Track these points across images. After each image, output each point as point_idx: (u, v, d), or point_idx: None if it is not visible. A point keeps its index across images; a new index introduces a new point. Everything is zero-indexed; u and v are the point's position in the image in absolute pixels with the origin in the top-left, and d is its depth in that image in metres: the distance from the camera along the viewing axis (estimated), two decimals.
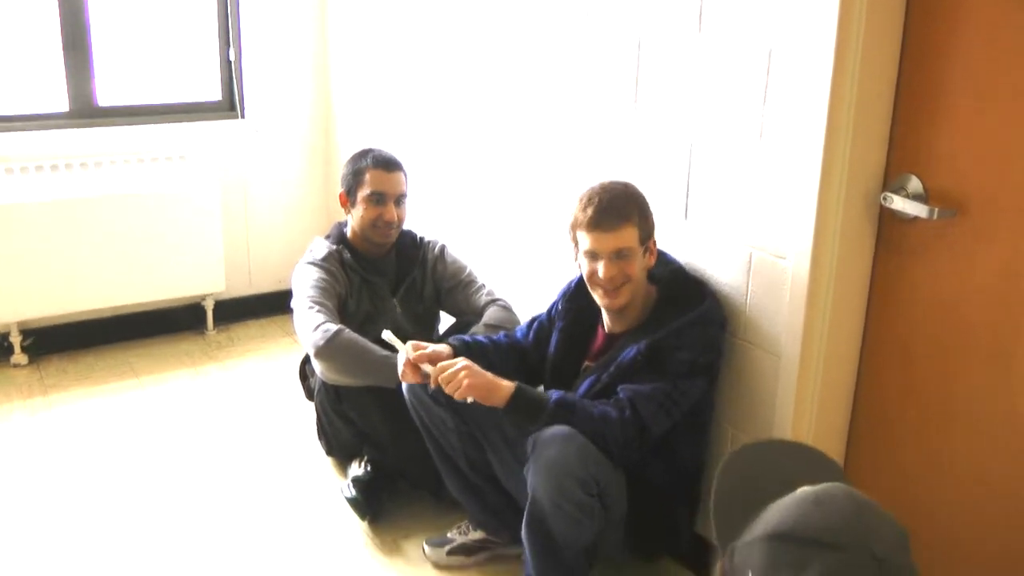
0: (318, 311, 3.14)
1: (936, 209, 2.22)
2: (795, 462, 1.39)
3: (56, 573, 2.87)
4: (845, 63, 2.24)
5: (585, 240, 2.56)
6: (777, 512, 1.19)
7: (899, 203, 2.30)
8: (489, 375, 2.52)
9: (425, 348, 2.64)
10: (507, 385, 2.51)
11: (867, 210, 2.39)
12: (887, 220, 2.39)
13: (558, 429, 2.45)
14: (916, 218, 2.29)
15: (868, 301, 2.48)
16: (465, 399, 2.49)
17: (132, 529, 3.09)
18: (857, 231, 2.40)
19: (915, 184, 2.30)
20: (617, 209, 2.53)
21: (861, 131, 2.31)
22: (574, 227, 2.60)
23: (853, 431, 2.58)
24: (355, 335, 3.08)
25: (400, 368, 2.66)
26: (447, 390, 2.51)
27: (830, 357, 2.48)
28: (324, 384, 3.23)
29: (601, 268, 2.54)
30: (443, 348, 2.69)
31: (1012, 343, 2.16)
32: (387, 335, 2.71)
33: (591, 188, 2.60)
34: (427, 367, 2.59)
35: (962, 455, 2.31)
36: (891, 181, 2.36)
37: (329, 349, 3.04)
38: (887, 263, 2.42)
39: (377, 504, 3.15)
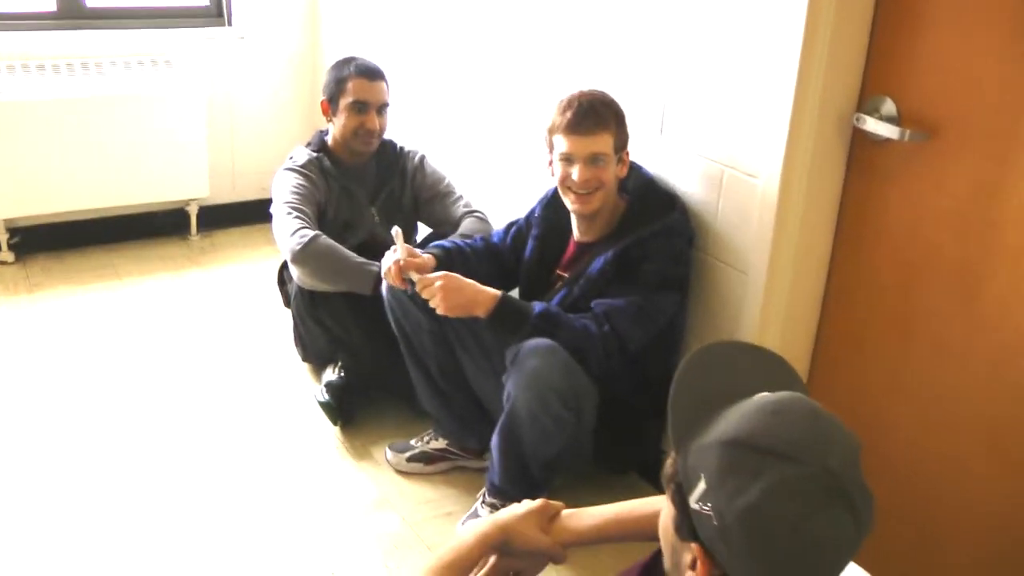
0: (296, 217, 3.16)
1: (908, 131, 2.23)
2: (757, 366, 1.38)
3: (26, 463, 2.92)
4: None
5: (562, 143, 2.58)
6: (735, 418, 1.19)
7: (871, 124, 2.30)
8: (470, 287, 2.54)
9: (417, 256, 2.66)
10: (491, 294, 2.53)
11: (840, 131, 2.39)
12: (860, 142, 2.40)
13: (541, 341, 2.48)
14: (888, 140, 2.30)
15: (838, 221, 2.49)
16: (409, 291, 2.53)
17: (105, 426, 3.14)
18: (829, 152, 2.41)
19: (889, 106, 2.30)
20: (595, 115, 2.55)
21: (837, 52, 2.31)
22: (551, 131, 2.62)
23: (819, 348, 2.61)
24: (331, 241, 3.10)
25: (385, 268, 2.68)
26: (430, 303, 2.54)
27: (797, 275, 2.51)
28: (300, 289, 3.25)
29: (576, 172, 2.56)
30: (427, 258, 2.71)
31: (976, 265, 2.18)
32: (395, 230, 2.71)
33: (570, 94, 2.61)
34: (412, 274, 2.61)
35: (922, 373, 2.34)
36: (865, 103, 2.36)
37: (305, 254, 3.06)
38: (858, 184, 2.43)
39: (349, 409, 3.20)
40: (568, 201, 2.65)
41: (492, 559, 1.58)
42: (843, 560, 1.13)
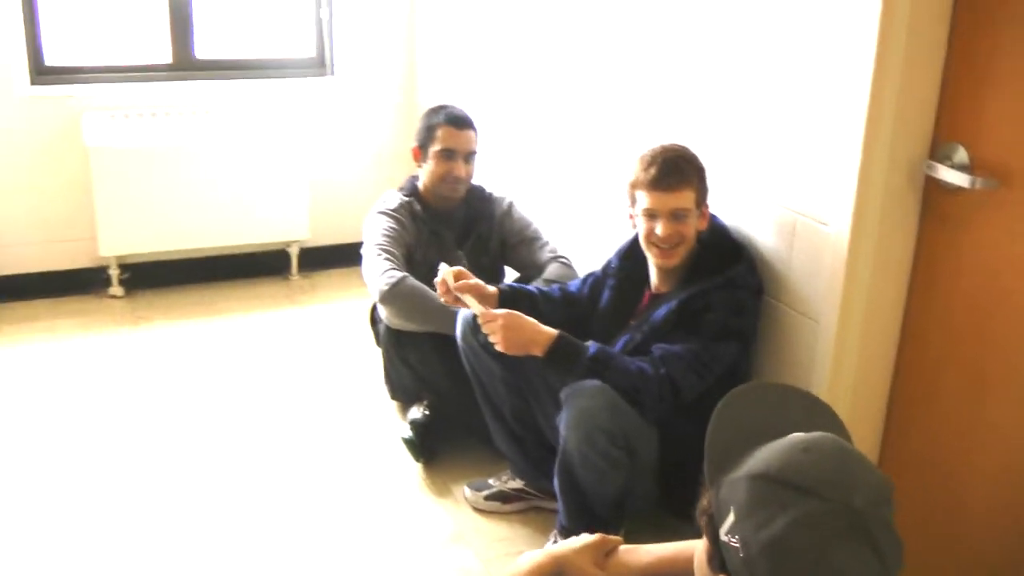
0: (385, 258, 3.27)
1: (978, 179, 2.22)
2: (798, 407, 1.42)
3: (129, 484, 3.08)
4: (891, 30, 2.26)
5: (644, 199, 2.63)
6: (766, 454, 1.23)
7: (942, 172, 2.31)
8: (531, 326, 2.60)
9: (469, 279, 2.74)
10: (549, 333, 2.59)
11: (911, 178, 2.40)
12: (932, 189, 2.40)
13: (589, 381, 2.53)
14: (960, 188, 2.29)
15: (912, 269, 2.49)
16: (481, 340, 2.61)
17: (202, 452, 3.30)
18: (900, 199, 2.41)
19: (961, 154, 2.30)
20: (678, 170, 2.60)
21: (906, 100, 2.32)
22: (634, 186, 2.67)
23: (894, 397, 2.59)
24: (418, 283, 3.20)
25: (438, 284, 2.76)
26: (490, 338, 2.62)
27: (869, 323, 2.50)
28: (388, 329, 3.36)
29: (659, 227, 2.61)
30: (492, 290, 2.79)
31: None
32: (442, 267, 2.81)
33: (652, 149, 2.66)
34: (475, 304, 2.69)
35: (998, 422, 2.31)
36: (938, 150, 2.36)
37: (392, 294, 3.17)
38: (931, 232, 2.43)
39: (432, 447, 3.28)
40: (651, 255, 2.70)
41: None
42: None
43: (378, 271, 3.24)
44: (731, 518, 1.21)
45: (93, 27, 4.61)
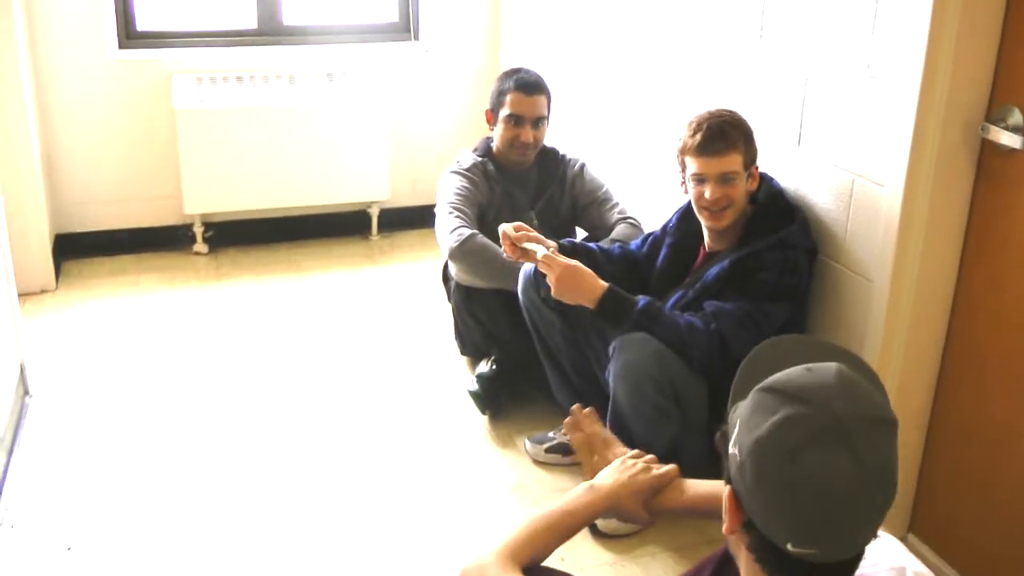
0: (456, 216, 3.37)
1: None
2: (829, 354, 1.46)
3: (211, 434, 3.26)
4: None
5: (693, 164, 2.70)
6: (776, 374, 1.30)
7: (995, 133, 2.33)
8: (588, 277, 2.69)
9: (529, 232, 2.84)
10: (600, 285, 2.68)
11: (966, 140, 2.41)
12: (988, 152, 2.41)
13: (636, 334, 2.61)
14: (1013, 150, 2.31)
15: (966, 231, 2.51)
16: (543, 294, 2.73)
17: (281, 402, 3.46)
18: (954, 161, 2.43)
19: (1016, 116, 2.31)
20: (724, 135, 2.66)
21: (962, 61, 2.34)
22: (682, 152, 2.74)
23: (946, 356, 2.61)
24: (487, 240, 3.29)
25: (501, 239, 2.86)
26: (547, 279, 2.71)
27: (922, 283, 2.53)
28: (458, 285, 3.47)
29: (708, 191, 2.67)
30: (551, 242, 2.88)
31: None
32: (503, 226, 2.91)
33: (699, 115, 2.73)
34: (533, 245, 2.79)
35: None
36: (993, 112, 2.37)
37: (462, 251, 3.28)
38: (986, 194, 2.44)
39: (497, 400, 3.38)
40: (702, 218, 2.77)
41: None
42: (843, 506, 1.18)
43: (448, 228, 3.35)
44: (735, 431, 1.28)
45: None
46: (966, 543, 2.57)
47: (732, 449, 1.27)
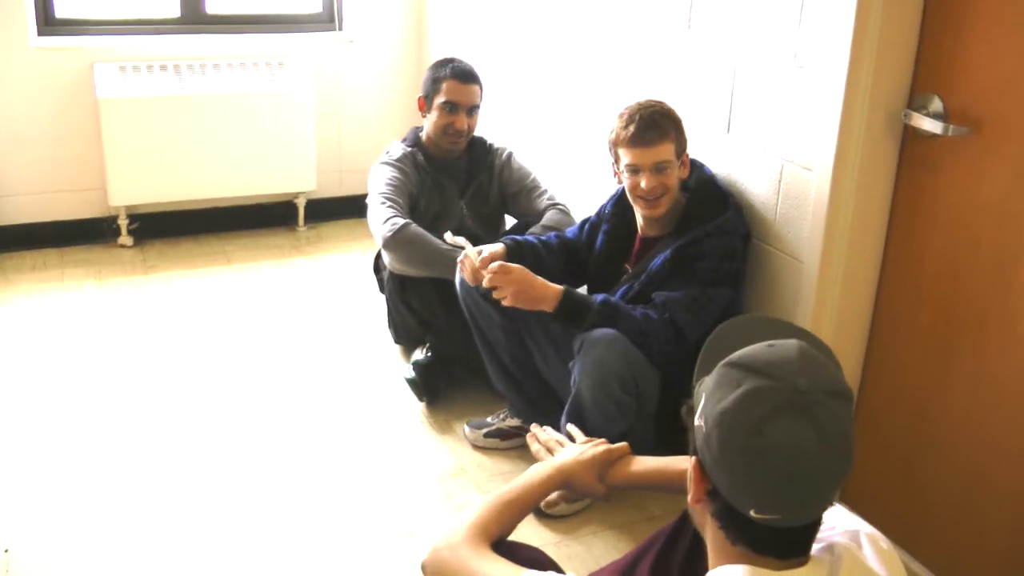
0: (389, 206, 3.39)
1: (951, 126, 2.34)
2: (789, 332, 1.53)
3: (136, 430, 3.23)
4: None
5: (627, 155, 2.77)
6: (740, 350, 1.36)
7: (917, 120, 2.43)
8: (539, 284, 2.75)
9: (483, 252, 2.87)
10: (555, 290, 2.74)
11: (890, 126, 2.52)
12: (911, 137, 2.52)
13: (604, 331, 2.68)
14: (935, 135, 2.41)
15: (891, 212, 2.61)
16: (480, 289, 2.77)
17: (211, 394, 3.44)
18: (879, 146, 2.53)
19: (936, 104, 2.41)
20: (656, 125, 2.74)
21: (885, 53, 2.44)
22: (615, 143, 2.81)
23: (873, 334, 2.72)
24: (420, 229, 3.33)
25: (458, 265, 2.91)
26: (495, 295, 2.76)
27: (850, 264, 2.63)
28: (391, 275, 3.50)
29: (643, 181, 2.74)
30: (498, 248, 2.92)
31: (1014, 255, 2.28)
32: (448, 236, 2.96)
33: (629, 107, 2.80)
34: (469, 248, 2.86)
35: (965, 360, 2.44)
36: (915, 99, 2.48)
37: (395, 240, 3.30)
38: (909, 178, 2.55)
39: (434, 387, 3.42)
40: (638, 208, 2.84)
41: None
42: (806, 474, 1.25)
43: (382, 218, 3.37)
44: (702, 402, 1.33)
45: None
46: (896, 512, 2.68)
47: (698, 421, 1.33)
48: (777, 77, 2.72)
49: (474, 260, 2.86)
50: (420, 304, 3.48)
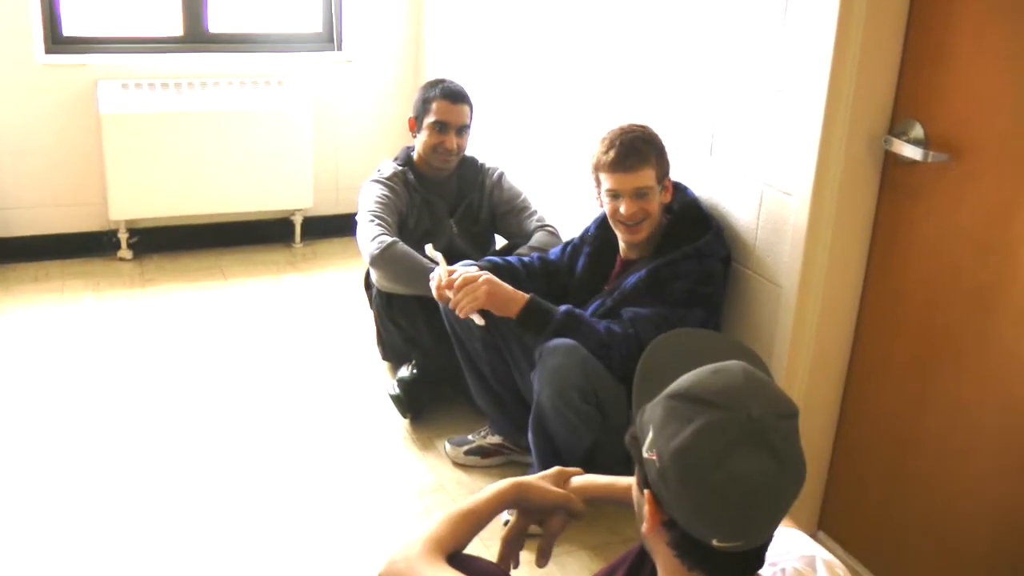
0: (377, 224, 3.42)
1: (930, 153, 2.35)
2: (722, 348, 1.53)
3: (132, 441, 3.25)
4: (851, 9, 2.39)
5: (607, 180, 2.77)
6: (682, 378, 1.36)
7: (897, 146, 2.44)
8: (508, 289, 2.75)
9: (454, 273, 2.84)
10: (523, 296, 2.74)
11: (870, 152, 2.53)
12: (892, 163, 2.53)
13: (563, 340, 2.67)
14: (915, 162, 2.42)
15: (872, 239, 2.61)
16: (471, 318, 2.75)
17: (204, 407, 3.46)
18: (860, 171, 2.54)
19: (917, 130, 2.42)
20: (637, 151, 2.74)
21: (866, 77, 2.45)
22: (597, 168, 2.81)
23: (853, 360, 2.72)
24: (407, 248, 3.34)
25: (433, 284, 2.89)
26: (459, 305, 2.74)
27: (829, 289, 2.63)
28: (379, 292, 3.51)
29: (623, 206, 2.74)
30: (474, 271, 2.93)
31: (993, 283, 2.28)
32: (428, 249, 2.97)
33: (611, 131, 2.80)
34: (439, 269, 2.84)
35: (944, 388, 2.44)
36: (896, 125, 2.49)
37: (383, 258, 3.32)
38: (889, 204, 2.56)
39: (418, 403, 3.43)
40: (619, 232, 2.85)
41: (514, 517, 1.77)
42: (767, 501, 1.27)
43: (370, 236, 3.39)
44: (650, 435, 1.33)
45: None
46: (875, 540, 2.68)
47: (647, 454, 1.33)
48: (757, 101, 2.73)
49: (443, 277, 2.84)
50: (406, 322, 3.49)
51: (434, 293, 2.88)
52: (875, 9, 2.40)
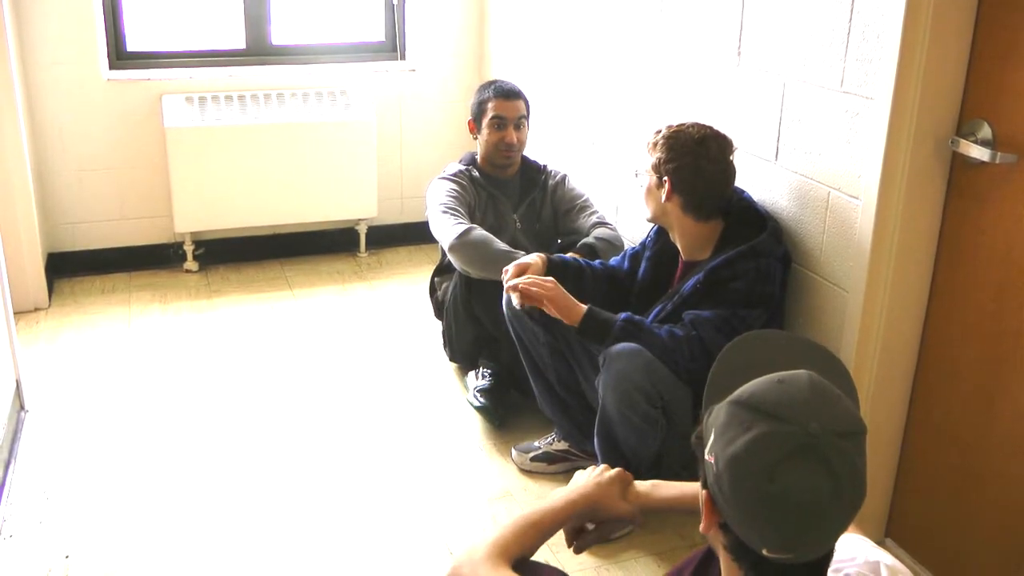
0: (451, 214, 3.48)
1: (999, 154, 2.31)
2: (799, 352, 1.51)
3: (205, 452, 3.31)
4: (918, 9, 2.36)
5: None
6: (748, 385, 1.36)
7: (965, 147, 2.40)
8: (570, 299, 2.79)
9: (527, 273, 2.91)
10: (581, 308, 2.76)
11: (937, 154, 2.49)
12: (959, 165, 2.49)
13: (627, 344, 2.68)
14: (983, 163, 2.38)
15: (939, 242, 2.58)
16: (511, 297, 2.82)
17: (275, 417, 3.51)
18: (926, 174, 2.50)
19: (985, 130, 2.38)
20: None
21: (933, 78, 2.41)
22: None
23: (920, 367, 2.68)
24: (485, 232, 3.41)
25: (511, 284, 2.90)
26: (522, 297, 2.79)
27: (895, 294, 2.60)
28: (458, 282, 3.55)
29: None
30: (533, 259, 2.99)
31: None
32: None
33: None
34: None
35: (1013, 394, 2.40)
36: (963, 126, 2.45)
37: (461, 243, 3.37)
38: (957, 206, 2.52)
39: (503, 410, 3.47)
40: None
41: None
42: (818, 518, 1.24)
43: (447, 224, 3.45)
44: (711, 439, 1.33)
45: (172, 14, 4.85)
46: (942, 546, 2.64)
47: (708, 456, 1.33)
48: (824, 104, 2.71)
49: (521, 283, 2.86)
50: (484, 311, 3.50)
51: (504, 278, 2.93)
52: (943, 7, 2.36)
